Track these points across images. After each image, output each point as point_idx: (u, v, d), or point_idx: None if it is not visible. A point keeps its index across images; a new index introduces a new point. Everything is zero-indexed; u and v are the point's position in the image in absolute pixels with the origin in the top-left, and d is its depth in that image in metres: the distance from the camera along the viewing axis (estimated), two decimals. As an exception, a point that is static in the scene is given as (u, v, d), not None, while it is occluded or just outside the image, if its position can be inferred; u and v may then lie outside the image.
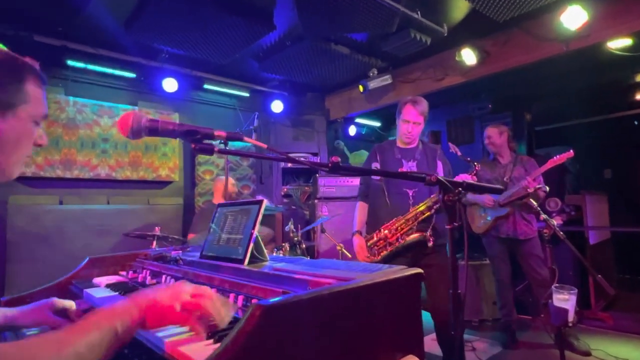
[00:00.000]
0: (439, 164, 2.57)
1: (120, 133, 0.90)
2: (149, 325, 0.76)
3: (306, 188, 5.17)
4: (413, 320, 1.03)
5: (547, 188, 3.13)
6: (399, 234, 2.39)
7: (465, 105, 5.56)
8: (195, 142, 0.92)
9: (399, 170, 2.53)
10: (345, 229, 4.50)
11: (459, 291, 1.06)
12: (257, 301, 0.74)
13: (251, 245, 1.31)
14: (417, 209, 2.38)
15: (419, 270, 1.04)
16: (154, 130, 0.91)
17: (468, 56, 3.97)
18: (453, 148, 2.64)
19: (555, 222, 3.95)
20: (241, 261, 1.29)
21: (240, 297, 1.06)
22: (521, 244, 3.32)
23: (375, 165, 2.62)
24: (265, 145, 1.01)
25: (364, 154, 6.01)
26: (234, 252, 1.35)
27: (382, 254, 2.43)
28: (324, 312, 0.82)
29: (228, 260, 1.35)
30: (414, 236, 2.35)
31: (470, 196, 3.45)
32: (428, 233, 2.32)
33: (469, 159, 2.55)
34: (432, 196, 2.38)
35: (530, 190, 3.03)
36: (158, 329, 0.85)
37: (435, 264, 2.37)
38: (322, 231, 4.00)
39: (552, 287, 2.01)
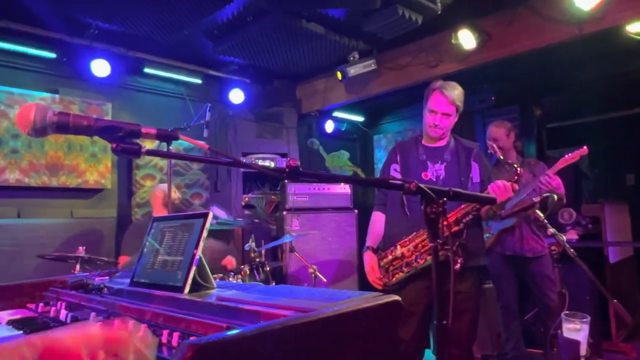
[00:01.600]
0: (475, 167, 2.59)
1: (20, 130, 0.88)
2: None
3: (272, 197, 5.17)
4: (388, 358, 1.04)
5: (556, 196, 3.23)
6: (418, 253, 2.40)
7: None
8: (117, 141, 0.91)
9: (423, 175, 2.55)
10: (320, 247, 4.52)
11: (444, 322, 1.08)
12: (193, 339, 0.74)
13: (193, 269, 1.31)
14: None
15: (396, 297, 1.06)
16: (64, 126, 0.89)
17: (466, 39, 4.06)
18: (492, 148, 2.67)
19: (570, 236, 4.08)
20: (180, 289, 1.29)
21: (176, 334, 1.06)
22: (529, 263, 3.42)
23: (395, 168, 2.64)
24: (206, 146, 1.01)
25: (344, 155, 6.05)
26: (172, 278, 1.34)
27: (397, 276, 2.44)
28: (275, 351, 0.82)
29: (164, 288, 1.34)
30: None
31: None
32: (455, 252, 2.29)
33: (509, 161, 2.61)
34: (462, 206, 2.35)
35: (551, 187, 3.06)
36: None
37: (462, 291, 2.37)
38: (292, 250, 4.00)
39: (562, 315, 2.07)
